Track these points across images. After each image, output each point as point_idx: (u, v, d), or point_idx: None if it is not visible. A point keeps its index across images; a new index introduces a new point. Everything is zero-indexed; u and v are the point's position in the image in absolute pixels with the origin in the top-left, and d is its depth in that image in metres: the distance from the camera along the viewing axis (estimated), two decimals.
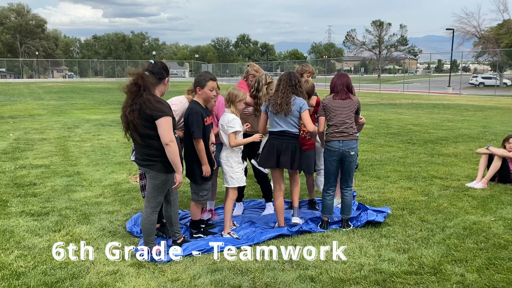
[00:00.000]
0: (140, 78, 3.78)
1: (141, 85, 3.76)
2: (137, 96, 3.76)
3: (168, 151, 3.81)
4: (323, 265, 3.92)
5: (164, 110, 3.82)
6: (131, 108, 3.77)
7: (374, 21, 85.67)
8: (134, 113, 3.76)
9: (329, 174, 4.86)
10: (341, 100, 4.76)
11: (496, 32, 53.59)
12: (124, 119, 3.84)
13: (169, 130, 3.81)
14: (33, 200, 5.87)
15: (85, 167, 7.84)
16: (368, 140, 10.92)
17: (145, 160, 3.92)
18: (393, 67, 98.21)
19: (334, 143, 4.72)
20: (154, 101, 3.77)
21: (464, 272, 3.78)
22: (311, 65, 5.72)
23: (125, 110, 3.82)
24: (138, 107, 3.74)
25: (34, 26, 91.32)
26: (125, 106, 3.82)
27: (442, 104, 23.45)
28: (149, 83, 3.81)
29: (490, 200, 5.85)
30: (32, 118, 15.85)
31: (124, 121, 3.86)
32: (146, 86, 3.78)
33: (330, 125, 4.79)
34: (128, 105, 3.80)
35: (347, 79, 4.88)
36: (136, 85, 3.76)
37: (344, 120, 4.74)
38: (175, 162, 3.87)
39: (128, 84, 3.81)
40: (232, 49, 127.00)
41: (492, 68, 58.61)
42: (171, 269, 3.88)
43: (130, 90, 3.79)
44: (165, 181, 3.97)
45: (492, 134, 11.88)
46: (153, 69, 4.02)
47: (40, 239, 4.52)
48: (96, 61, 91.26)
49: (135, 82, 3.77)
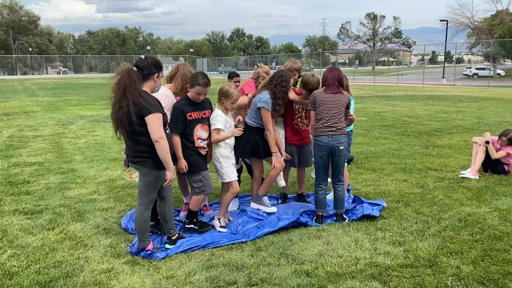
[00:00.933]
0: (124, 74, 3.73)
1: (126, 82, 3.72)
2: (124, 93, 3.71)
3: (158, 148, 3.78)
4: (319, 260, 3.91)
5: (153, 106, 3.77)
6: (119, 105, 3.72)
7: (368, 14, 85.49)
8: (122, 110, 3.71)
9: (319, 168, 4.84)
10: (332, 94, 4.73)
11: (490, 23, 53.67)
12: (114, 116, 3.79)
13: (158, 127, 3.76)
14: (27, 198, 5.83)
15: (79, 164, 7.79)
16: (362, 132, 10.92)
17: (136, 157, 3.89)
18: (387, 59, 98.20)
19: (323, 137, 4.69)
20: (141, 97, 3.72)
21: (459, 264, 3.78)
22: (298, 62, 5.49)
23: (114, 107, 3.78)
24: (126, 103, 3.70)
25: (27, 22, 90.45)
26: (114, 104, 3.78)
27: (436, 96, 23.48)
28: (132, 79, 3.74)
29: (485, 191, 5.86)
30: (26, 115, 15.73)
31: (113, 119, 3.81)
32: (130, 83, 3.72)
33: (319, 119, 4.75)
34: (116, 102, 3.76)
35: (338, 72, 4.82)
36: (121, 82, 3.72)
37: (334, 115, 4.71)
38: (165, 159, 3.84)
39: (115, 82, 3.77)
40: (227, 43, 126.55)
41: (485, 59, 58.70)
42: (166, 266, 3.86)
43: (117, 88, 3.74)
44: (157, 177, 3.93)
45: (486, 125, 11.90)
46: (141, 64, 3.94)
47: (33, 238, 4.48)
48: (91, 57, 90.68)
49: (120, 79, 3.73)
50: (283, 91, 4.73)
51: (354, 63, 72.26)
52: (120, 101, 3.72)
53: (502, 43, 46.42)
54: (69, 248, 4.23)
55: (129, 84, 3.71)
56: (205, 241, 4.31)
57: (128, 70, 3.78)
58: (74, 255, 4.07)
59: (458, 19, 55.21)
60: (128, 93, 3.70)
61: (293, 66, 5.31)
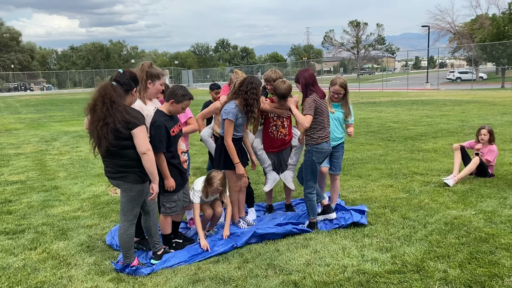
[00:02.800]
0: (107, 90, 3.67)
1: (112, 98, 3.65)
2: (109, 110, 3.64)
3: (145, 160, 3.73)
4: (307, 269, 3.88)
5: (139, 119, 3.75)
6: (104, 122, 3.64)
7: (351, 21, 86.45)
8: (108, 126, 3.64)
9: (315, 174, 4.79)
10: (323, 99, 4.74)
11: (470, 27, 54.68)
12: (96, 134, 3.71)
13: (145, 139, 3.75)
14: (8, 218, 5.70)
15: (63, 181, 7.67)
16: (349, 139, 10.95)
17: (118, 172, 3.81)
18: (372, 66, 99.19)
19: (324, 144, 4.72)
20: (126, 112, 3.68)
21: (446, 268, 3.78)
22: (278, 71, 5.31)
23: (96, 124, 3.69)
24: (113, 120, 3.62)
25: (8, 39, 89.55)
26: (96, 121, 3.70)
27: (420, 100, 23.74)
28: (116, 95, 3.67)
29: (470, 193, 5.89)
30: (8, 133, 15.49)
31: (95, 136, 3.73)
32: (115, 99, 3.65)
33: (322, 127, 4.68)
34: (100, 119, 3.67)
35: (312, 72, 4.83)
36: (106, 98, 3.65)
37: (329, 121, 4.83)
38: (151, 172, 3.79)
39: (95, 99, 3.69)
40: (212, 54, 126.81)
41: (468, 62, 59.68)
42: (152, 282, 3.79)
43: (101, 104, 3.66)
44: (140, 191, 3.87)
45: (470, 128, 12.03)
46: (121, 79, 3.88)
47: (15, 259, 4.37)
48: (74, 72, 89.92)
49: (102, 96, 3.66)
50: (254, 98, 4.64)
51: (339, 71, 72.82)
52: (104, 118, 3.64)
53: (483, 47, 47.25)
54: (52, 268, 4.13)
55: (115, 101, 3.65)
56: (191, 254, 4.25)
57: (111, 86, 3.71)
58: (57, 275, 3.98)
59: (439, 25, 56.26)
60: (114, 109, 3.63)
61: (272, 75, 5.18)
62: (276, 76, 5.17)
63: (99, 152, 3.80)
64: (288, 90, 4.91)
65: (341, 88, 5.06)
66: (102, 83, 3.74)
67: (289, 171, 5.29)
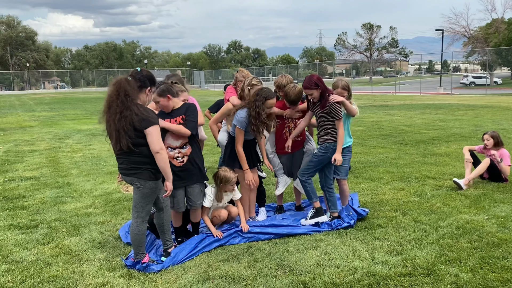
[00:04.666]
0: (122, 84, 3.72)
1: (126, 91, 3.70)
2: (124, 103, 3.70)
3: (158, 159, 3.77)
4: (316, 270, 3.87)
5: (154, 118, 3.79)
6: (121, 115, 3.69)
7: (364, 24, 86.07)
8: (126, 119, 3.68)
9: (317, 171, 5.00)
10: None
11: (485, 31, 54.10)
12: (114, 127, 3.75)
13: (158, 138, 3.78)
14: (22, 213, 5.78)
15: (75, 178, 7.75)
16: (360, 142, 10.92)
17: (131, 169, 3.84)
18: (384, 69, 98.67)
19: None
20: (138, 111, 3.71)
21: (458, 272, 3.74)
22: (288, 76, 5.29)
23: (113, 118, 3.74)
24: (130, 112, 3.67)
25: (24, 38, 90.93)
26: (113, 114, 3.74)
27: (433, 104, 23.55)
28: (130, 89, 3.73)
29: (483, 198, 5.83)
30: (23, 130, 15.71)
31: (114, 130, 3.77)
32: (130, 92, 3.72)
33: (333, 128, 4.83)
34: (116, 112, 3.72)
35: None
36: (120, 92, 3.70)
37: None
38: (165, 170, 3.84)
39: (110, 93, 3.75)
40: (223, 55, 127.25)
41: (482, 67, 59.06)
42: (162, 279, 3.81)
43: (115, 97, 3.72)
44: (154, 188, 3.91)
45: (484, 133, 11.88)
46: (136, 76, 3.96)
47: (28, 253, 4.44)
48: (88, 71, 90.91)
49: (117, 89, 3.71)
50: (256, 111, 4.63)
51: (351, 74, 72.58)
52: (121, 111, 3.68)
53: (498, 51, 46.79)
54: (64, 263, 4.18)
55: (129, 94, 3.71)
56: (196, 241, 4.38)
57: (126, 80, 3.77)
58: (69, 270, 4.02)
59: (453, 28, 55.69)
60: (129, 102, 3.69)
61: (282, 81, 5.15)
62: (286, 81, 5.15)
63: (121, 148, 3.77)
64: (298, 95, 4.96)
65: (344, 90, 5.08)
66: (117, 78, 3.80)
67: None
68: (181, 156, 4.39)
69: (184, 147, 4.39)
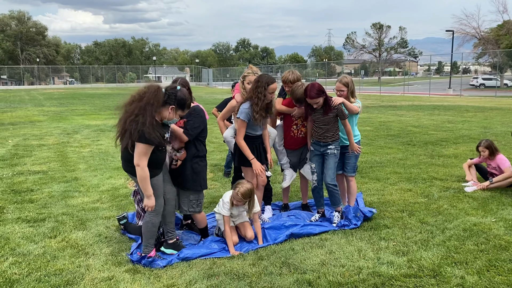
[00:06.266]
0: (152, 91, 3.73)
1: (150, 98, 3.71)
2: (143, 109, 3.70)
3: (137, 172, 3.78)
4: (321, 269, 3.87)
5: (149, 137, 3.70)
6: (135, 118, 3.70)
7: (374, 24, 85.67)
8: (137, 124, 3.69)
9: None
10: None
11: (496, 33, 53.57)
12: (122, 125, 3.77)
13: (141, 155, 3.74)
14: (30, 206, 5.83)
15: (83, 173, 7.80)
16: (368, 142, 10.87)
17: (129, 166, 3.92)
18: (393, 69, 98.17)
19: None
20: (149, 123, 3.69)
21: (464, 274, 3.72)
22: (296, 72, 5.27)
23: (127, 115, 3.74)
24: (143, 120, 3.67)
25: (34, 33, 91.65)
26: (129, 113, 3.74)
27: (442, 106, 23.39)
28: (157, 99, 3.74)
29: (490, 201, 5.78)
30: (32, 124, 15.83)
31: (121, 127, 3.78)
32: (154, 101, 3.72)
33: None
34: (131, 113, 3.72)
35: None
36: (145, 96, 3.72)
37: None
38: (143, 186, 3.82)
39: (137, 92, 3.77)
40: (232, 53, 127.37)
41: (492, 69, 58.52)
42: (167, 274, 3.83)
43: (138, 99, 3.73)
44: (154, 185, 3.92)
45: (493, 135, 11.80)
46: (169, 91, 3.92)
47: (35, 246, 4.47)
48: (97, 67, 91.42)
49: (146, 92, 3.73)
50: (258, 97, 4.60)
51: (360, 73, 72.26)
52: (137, 114, 3.69)
53: (509, 53, 46.34)
54: (71, 256, 4.21)
55: (152, 103, 3.71)
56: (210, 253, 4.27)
57: (157, 89, 3.79)
58: (75, 263, 4.05)
59: (464, 29, 55.18)
60: (148, 110, 3.69)
61: (289, 77, 5.15)
62: (293, 77, 5.14)
63: (120, 144, 3.86)
64: (303, 94, 4.94)
65: (343, 85, 5.10)
66: (152, 83, 3.83)
67: (307, 164, 5.33)
68: (175, 160, 4.39)
69: (180, 151, 4.38)
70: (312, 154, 5.12)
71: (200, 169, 4.42)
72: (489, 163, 6.70)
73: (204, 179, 4.46)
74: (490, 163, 6.69)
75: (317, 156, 5.05)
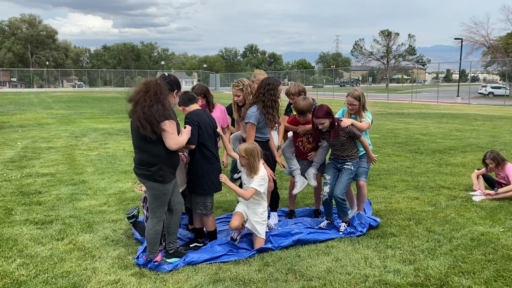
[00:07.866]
0: (151, 83, 3.82)
1: (157, 89, 3.79)
2: (154, 97, 3.76)
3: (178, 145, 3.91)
4: (327, 276, 3.86)
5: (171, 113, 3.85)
6: (150, 106, 3.71)
7: (382, 31, 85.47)
8: (156, 106, 3.73)
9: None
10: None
11: (505, 41, 53.23)
12: (141, 115, 3.72)
13: (171, 135, 3.82)
14: (38, 208, 5.88)
15: (90, 176, 7.85)
16: (375, 149, 10.83)
17: (141, 169, 3.93)
18: (401, 77, 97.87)
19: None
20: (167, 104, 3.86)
21: (471, 284, 3.69)
22: (300, 85, 5.35)
23: (141, 106, 3.74)
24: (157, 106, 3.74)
25: (45, 36, 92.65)
26: (140, 105, 3.74)
27: (450, 114, 23.28)
28: (162, 88, 3.86)
29: (499, 210, 5.74)
30: (41, 127, 15.96)
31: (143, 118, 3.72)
32: (162, 90, 3.83)
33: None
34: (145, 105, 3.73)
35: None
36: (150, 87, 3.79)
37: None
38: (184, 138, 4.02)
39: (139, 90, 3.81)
40: (240, 59, 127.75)
41: (501, 77, 58.17)
42: (173, 279, 3.84)
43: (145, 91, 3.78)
44: (164, 191, 3.94)
45: (501, 144, 11.73)
46: (165, 80, 4.13)
47: (43, 248, 4.50)
48: (106, 71, 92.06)
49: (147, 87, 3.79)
50: (271, 99, 4.69)
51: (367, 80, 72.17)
52: (151, 100, 3.74)
53: None
54: (77, 259, 4.24)
55: (161, 92, 3.82)
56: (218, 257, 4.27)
57: (156, 81, 3.89)
58: (82, 266, 4.08)
59: (473, 37, 54.85)
60: (161, 98, 3.80)
61: (291, 90, 5.26)
62: (296, 90, 5.22)
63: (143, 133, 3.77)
64: (307, 107, 4.95)
65: (354, 99, 5.10)
66: (148, 78, 3.92)
67: (312, 168, 5.34)
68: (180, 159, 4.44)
69: (185, 152, 4.49)
70: (328, 167, 5.13)
71: (203, 173, 4.36)
72: (498, 173, 6.67)
73: (210, 182, 4.40)
74: (499, 173, 6.65)
75: (333, 169, 5.06)
